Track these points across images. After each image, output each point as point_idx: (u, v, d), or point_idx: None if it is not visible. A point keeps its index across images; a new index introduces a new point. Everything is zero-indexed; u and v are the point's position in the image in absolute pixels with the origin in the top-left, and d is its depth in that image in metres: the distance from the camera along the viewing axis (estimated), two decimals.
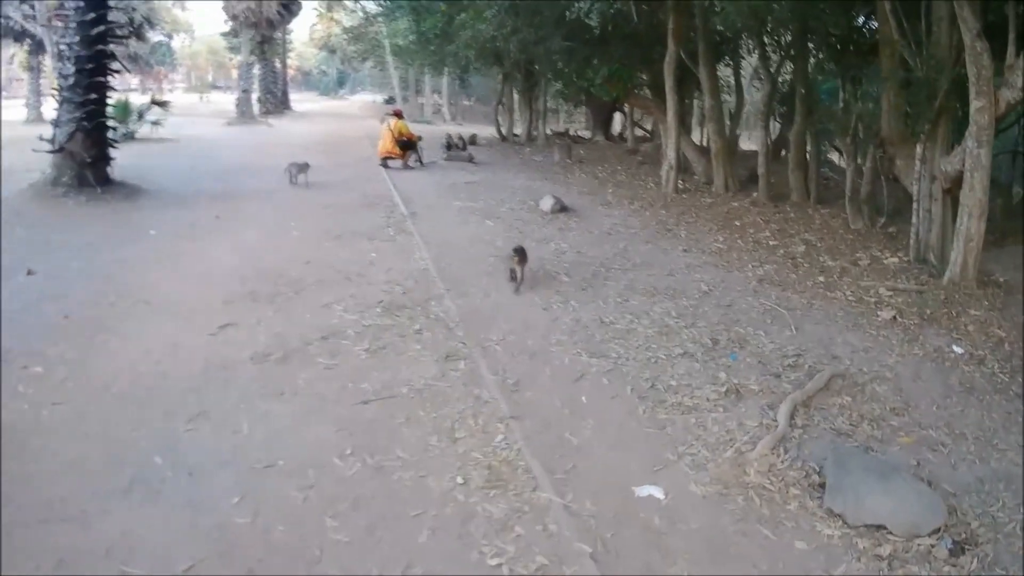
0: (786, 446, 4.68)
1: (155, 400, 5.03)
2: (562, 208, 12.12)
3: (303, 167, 13.72)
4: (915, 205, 9.47)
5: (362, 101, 54.98)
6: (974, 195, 8.10)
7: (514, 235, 10.23)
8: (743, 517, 3.99)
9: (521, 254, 7.68)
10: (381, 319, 6.71)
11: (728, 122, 17.66)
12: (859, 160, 11.96)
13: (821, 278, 8.72)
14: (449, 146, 19.58)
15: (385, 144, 16.85)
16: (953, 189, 8.82)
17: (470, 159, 18.44)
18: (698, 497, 4.16)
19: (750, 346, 6.46)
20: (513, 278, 7.77)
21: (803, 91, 13.38)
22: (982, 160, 8.02)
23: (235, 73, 35.91)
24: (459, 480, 4.20)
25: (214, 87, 63.65)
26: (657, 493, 4.18)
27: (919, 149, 9.32)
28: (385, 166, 16.62)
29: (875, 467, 4.26)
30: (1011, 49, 7.84)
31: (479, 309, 7.15)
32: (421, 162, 17.20)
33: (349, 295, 7.34)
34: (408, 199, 12.54)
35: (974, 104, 7.97)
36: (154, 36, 41.47)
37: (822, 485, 4.23)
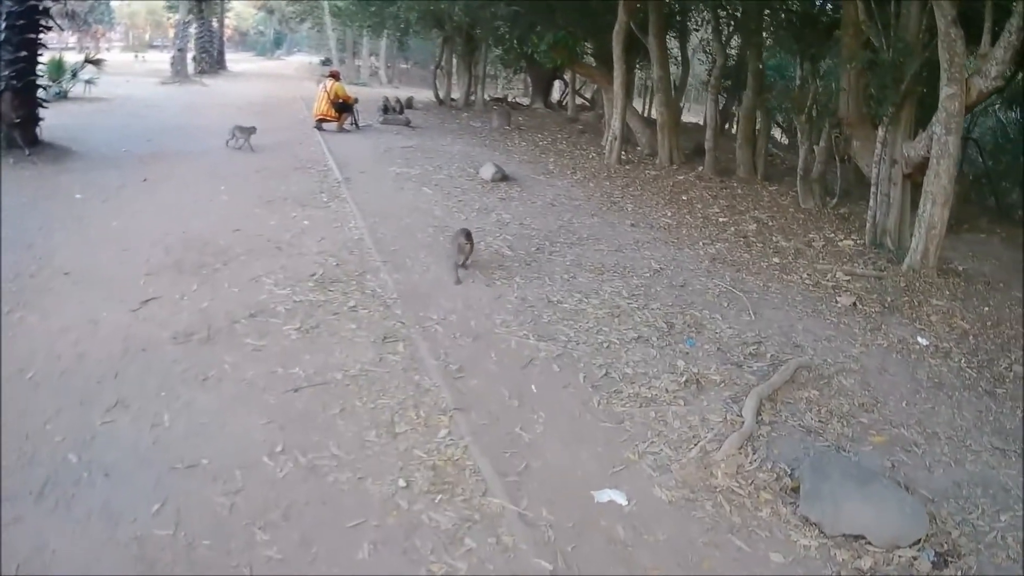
0: (754, 445, 4.37)
1: (71, 386, 4.58)
2: (503, 177, 11.61)
3: (249, 131, 12.98)
4: (873, 188, 9.28)
5: (298, 62, 53.40)
6: (939, 182, 7.91)
7: (453, 204, 9.75)
8: (713, 526, 3.70)
9: (469, 238, 6.97)
10: (313, 294, 6.19)
11: (673, 94, 17.37)
12: (812, 139, 11.73)
13: (776, 259, 8.48)
14: (386, 109, 18.92)
15: (320, 106, 16.14)
16: (915, 175, 8.67)
17: (407, 123, 17.87)
18: (663, 503, 3.84)
19: (707, 331, 6.14)
20: (460, 266, 6.97)
21: (757, 66, 13.13)
22: (950, 147, 7.83)
23: (172, 32, 34.22)
24: (401, 483, 3.79)
25: (151, 46, 61.35)
26: (619, 498, 3.84)
27: (880, 132, 9.11)
28: (320, 128, 15.91)
29: (853, 472, 3.96)
30: (986, 38, 7.65)
31: (418, 285, 6.66)
32: (357, 125, 16.56)
33: (279, 267, 6.78)
34: (343, 163, 11.87)
35: (944, 91, 7.74)
36: None
37: (795, 489, 3.95)
